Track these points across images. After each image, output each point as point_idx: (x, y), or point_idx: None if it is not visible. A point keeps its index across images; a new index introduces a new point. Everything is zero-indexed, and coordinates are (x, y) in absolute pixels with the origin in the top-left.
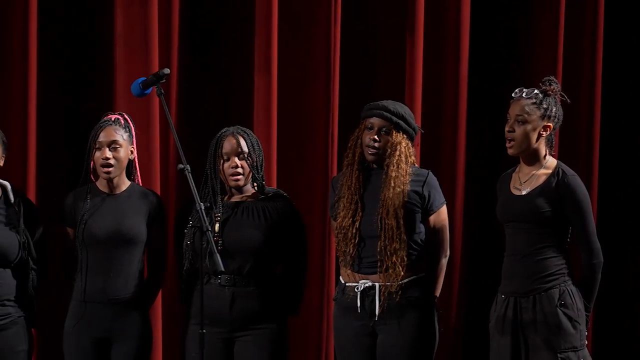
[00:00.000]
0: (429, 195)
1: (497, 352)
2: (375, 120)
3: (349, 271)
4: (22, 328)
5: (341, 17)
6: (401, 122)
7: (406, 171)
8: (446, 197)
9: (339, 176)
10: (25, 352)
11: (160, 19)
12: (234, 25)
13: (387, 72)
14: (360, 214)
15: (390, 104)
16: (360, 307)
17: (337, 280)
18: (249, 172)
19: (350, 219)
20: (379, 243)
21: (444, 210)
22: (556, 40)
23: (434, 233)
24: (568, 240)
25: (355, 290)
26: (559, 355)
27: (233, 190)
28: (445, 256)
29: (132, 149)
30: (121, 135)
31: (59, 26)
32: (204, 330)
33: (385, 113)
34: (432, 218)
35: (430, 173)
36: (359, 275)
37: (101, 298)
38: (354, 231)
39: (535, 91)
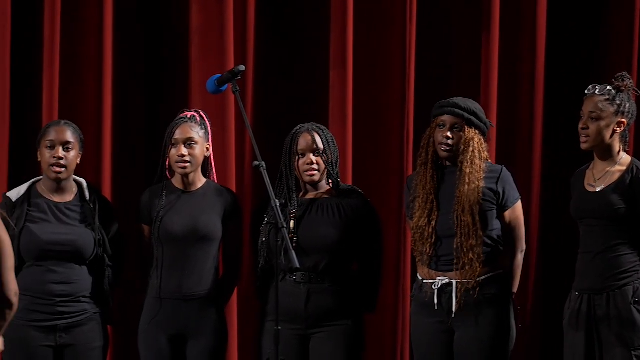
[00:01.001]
0: (504, 192)
1: (571, 348)
2: (446, 118)
3: (427, 269)
4: (98, 325)
5: (417, 13)
6: (473, 118)
7: (480, 167)
8: (521, 193)
9: (414, 175)
10: (101, 349)
11: (236, 15)
12: (310, 22)
13: (463, 69)
14: (436, 213)
15: (461, 100)
16: (437, 304)
17: (413, 276)
18: (324, 169)
19: (426, 219)
20: (455, 240)
21: (519, 205)
22: (631, 36)
23: (510, 229)
24: None
25: (433, 287)
26: (633, 352)
27: (308, 187)
28: (522, 251)
29: (208, 146)
30: (197, 133)
31: (134, 23)
32: (280, 327)
33: (456, 110)
34: (507, 214)
35: (504, 168)
36: (437, 272)
37: (176, 295)
38: (430, 230)
39: (609, 87)
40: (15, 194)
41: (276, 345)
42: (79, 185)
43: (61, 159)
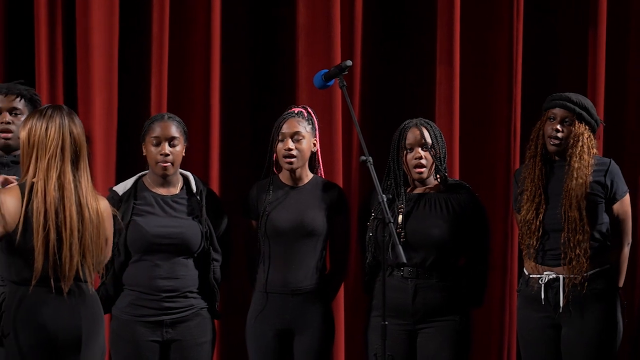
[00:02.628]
0: (612, 184)
1: None
2: (557, 111)
3: (533, 263)
4: (205, 319)
5: (524, 8)
6: (584, 113)
7: (588, 162)
8: (629, 187)
9: (522, 169)
10: (209, 343)
11: (343, 10)
12: (416, 17)
13: (569, 64)
14: (544, 206)
15: (573, 95)
16: (544, 298)
17: (520, 271)
18: (432, 164)
19: (534, 212)
20: (562, 235)
21: (627, 198)
22: None
23: (617, 222)
24: None
25: (540, 282)
26: None
27: (416, 182)
28: (628, 245)
29: (315, 141)
30: (304, 127)
31: (241, 18)
32: (387, 323)
33: (568, 104)
34: (615, 207)
35: (612, 161)
36: (543, 267)
37: (283, 289)
38: (538, 224)
39: None
40: (121, 187)
41: (383, 340)
42: (185, 178)
43: (167, 155)
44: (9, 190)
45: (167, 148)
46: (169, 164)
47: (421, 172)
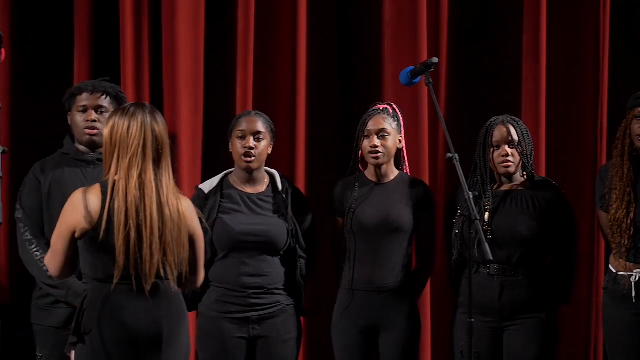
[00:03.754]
0: None
1: None
2: None
3: (623, 261)
4: (291, 316)
5: (610, 4)
6: None
7: None
8: None
9: (607, 166)
10: (294, 340)
11: (429, 7)
12: (503, 15)
13: None
14: (634, 205)
15: None
16: (635, 296)
17: (606, 268)
18: (519, 161)
19: (624, 211)
20: None
21: None
22: None
23: None
24: None
25: (630, 280)
26: None
27: (503, 179)
28: None
29: (401, 138)
30: (389, 124)
31: (327, 15)
32: (473, 320)
33: None
34: None
35: None
36: (634, 265)
37: (369, 286)
38: (629, 222)
39: None
40: (207, 186)
41: (469, 337)
42: (271, 176)
43: (252, 148)
44: (91, 188)
45: (251, 142)
46: (253, 157)
47: (508, 169)
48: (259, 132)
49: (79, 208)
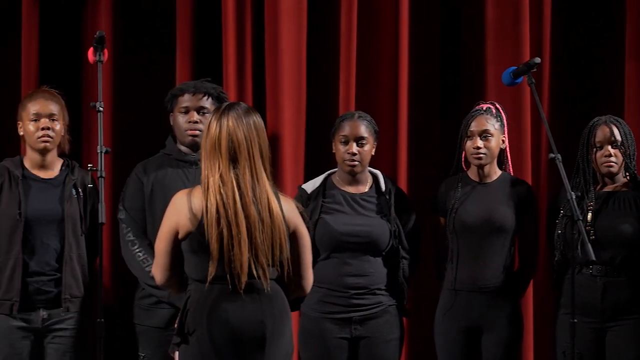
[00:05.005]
0: None
1: None
2: None
3: None
4: (394, 317)
5: None
6: None
7: None
8: None
9: None
10: (397, 340)
11: (531, 7)
12: (602, 13)
13: None
14: None
15: None
16: None
17: None
18: (622, 162)
19: None
20: None
21: None
22: None
23: None
24: None
25: None
26: None
27: (605, 179)
28: None
29: (504, 137)
30: (492, 125)
31: (429, 14)
32: (575, 320)
33: None
34: None
35: None
36: None
37: (471, 287)
38: None
39: None
40: (310, 186)
41: (572, 338)
42: (374, 176)
43: (355, 154)
44: (193, 189)
45: (354, 147)
46: (357, 162)
47: (611, 169)
48: (362, 138)
49: (181, 209)
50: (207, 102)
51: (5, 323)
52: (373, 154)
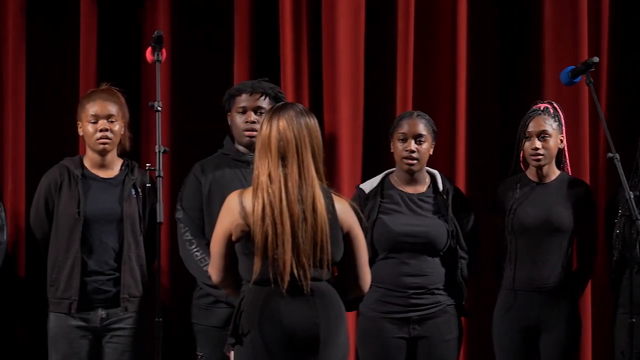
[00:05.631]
0: None
1: None
2: None
3: None
4: (452, 316)
5: None
6: None
7: None
8: None
9: None
10: (455, 340)
11: (589, 6)
12: None
13: None
14: None
15: None
16: None
17: None
18: None
19: None
20: None
21: None
22: None
23: None
24: None
25: None
26: None
27: None
28: None
29: (562, 137)
30: (550, 125)
31: (487, 13)
32: (634, 320)
33: None
34: None
35: None
36: None
37: (529, 286)
38: None
39: None
40: (368, 186)
41: (630, 338)
42: (432, 176)
43: (413, 152)
44: (246, 190)
45: (413, 145)
46: (415, 161)
47: None
48: (420, 135)
49: (234, 211)
50: (265, 102)
51: (64, 322)
52: (431, 153)
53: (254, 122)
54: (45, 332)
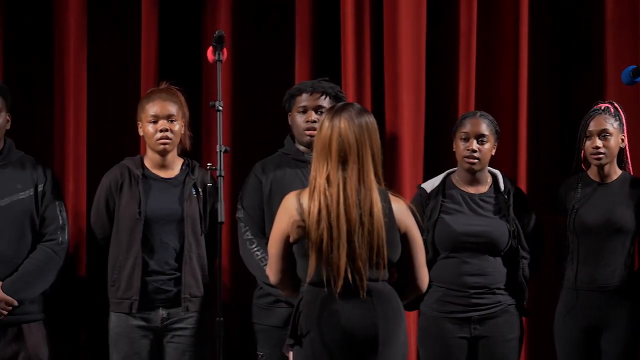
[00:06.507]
0: None
1: None
2: None
3: None
4: (513, 316)
5: None
6: None
7: None
8: None
9: None
10: (516, 340)
11: None
12: None
13: None
14: None
15: None
16: None
17: None
18: None
19: None
20: None
21: None
22: None
23: None
24: None
25: None
26: None
27: None
28: None
29: (623, 137)
30: (611, 124)
31: (548, 12)
32: None
33: None
34: None
35: None
36: None
37: (591, 286)
38: None
39: None
40: (429, 185)
41: None
42: (494, 176)
43: (475, 151)
44: (303, 191)
45: (475, 144)
46: (476, 160)
47: None
48: (483, 135)
49: (291, 213)
50: (325, 102)
51: (125, 322)
52: (493, 154)
53: (314, 122)
54: (106, 332)
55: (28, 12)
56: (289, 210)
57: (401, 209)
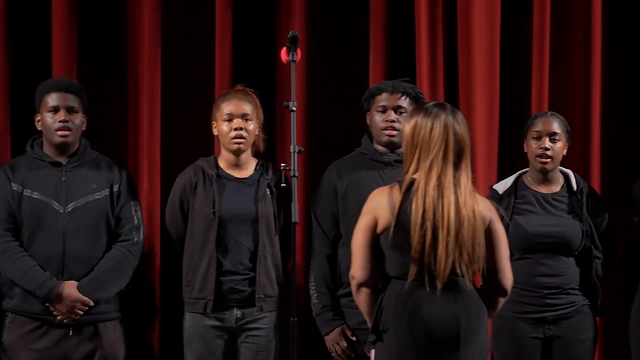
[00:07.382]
0: None
1: None
2: None
3: None
4: (587, 316)
5: None
6: None
7: None
8: None
9: None
10: (591, 341)
11: None
12: None
13: None
14: None
15: None
16: None
17: None
18: None
19: None
20: None
21: None
22: None
23: None
24: None
25: None
26: None
27: None
28: None
29: None
30: None
31: (620, 13)
32: None
33: None
34: None
35: None
36: None
37: None
38: None
39: None
40: (501, 186)
41: None
42: (566, 176)
43: (547, 149)
44: (393, 186)
45: (547, 143)
46: (549, 159)
47: None
48: (554, 134)
49: (381, 204)
50: (405, 102)
51: (199, 322)
52: (565, 153)
53: (393, 122)
54: (180, 332)
55: (102, 11)
56: (379, 203)
57: (486, 205)
